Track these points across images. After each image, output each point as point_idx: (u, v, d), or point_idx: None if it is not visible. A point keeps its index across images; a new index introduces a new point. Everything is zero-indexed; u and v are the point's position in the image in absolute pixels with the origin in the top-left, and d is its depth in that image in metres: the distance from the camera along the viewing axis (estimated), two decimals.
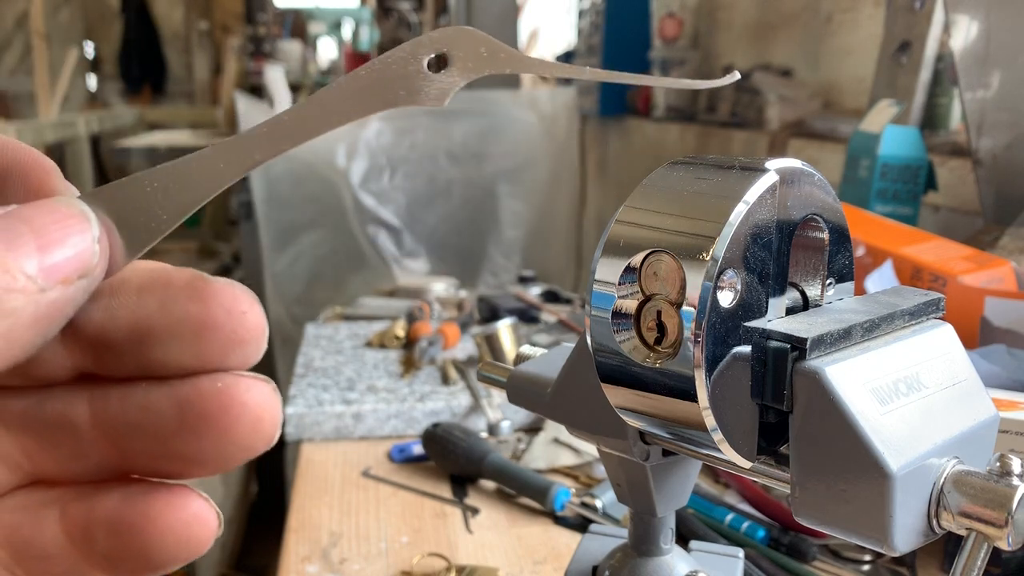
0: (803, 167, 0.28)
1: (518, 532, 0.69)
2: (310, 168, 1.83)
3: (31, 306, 0.15)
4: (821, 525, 0.26)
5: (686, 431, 0.27)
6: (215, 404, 0.18)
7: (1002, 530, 0.24)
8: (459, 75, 0.19)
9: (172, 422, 0.18)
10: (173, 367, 0.18)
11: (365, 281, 1.78)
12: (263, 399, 0.18)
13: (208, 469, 0.18)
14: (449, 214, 1.92)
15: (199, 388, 0.18)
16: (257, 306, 0.18)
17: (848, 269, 0.30)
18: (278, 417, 0.18)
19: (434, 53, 0.19)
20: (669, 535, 0.39)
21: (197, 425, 0.18)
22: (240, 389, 0.18)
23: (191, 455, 0.18)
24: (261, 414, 0.18)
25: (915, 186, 0.92)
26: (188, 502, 0.19)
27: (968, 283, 0.69)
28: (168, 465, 0.19)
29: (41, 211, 0.16)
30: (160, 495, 0.19)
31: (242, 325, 0.18)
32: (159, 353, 0.18)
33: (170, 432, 0.18)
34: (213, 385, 0.18)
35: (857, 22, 1.34)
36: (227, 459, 0.18)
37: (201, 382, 0.18)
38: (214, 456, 0.18)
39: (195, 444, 0.18)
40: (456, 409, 0.89)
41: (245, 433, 0.18)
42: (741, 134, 1.47)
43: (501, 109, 1.98)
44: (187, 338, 0.18)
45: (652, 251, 0.27)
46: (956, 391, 0.28)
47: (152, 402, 0.18)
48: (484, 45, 0.19)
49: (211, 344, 0.18)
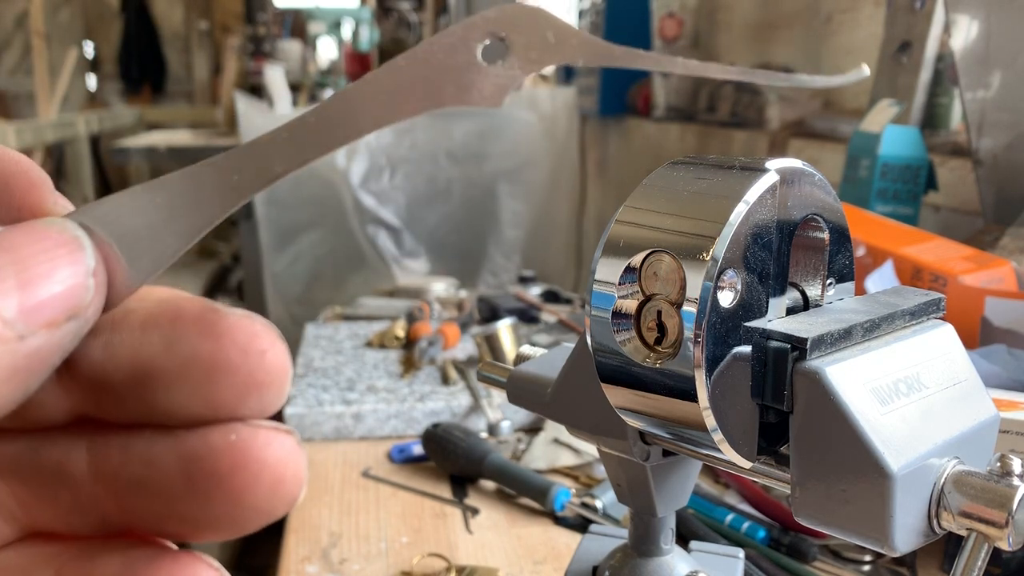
0: (803, 167, 0.28)
1: (518, 532, 0.69)
2: (310, 168, 1.82)
3: (7, 356, 0.13)
4: (821, 525, 0.26)
5: (686, 431, 0.27)
6: (227, 461, 0.15)
7: (1002, 530, 0.24)
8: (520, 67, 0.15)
9: (178, 480, 0.15)
10: (181, 415, 0.16)
11: (365, 281, 1.78)
12: (284, 455, 0.15)
13: (220, 534, 0.16)
14: (449, 214, 1.92)
15: (209, 441, 0.15)
16: (279, 344, 0.16)
17: (848, 269, 0.30)
18: (302, 475, 0.16)
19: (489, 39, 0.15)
20: (669, 535, 0.39)
21: (206, 485, 0.15)
22: (257, 443, 0.15)
23: (200, 519, 0.16)
24: (282, 473, 0.15)
25: (915, 186, 0.92)
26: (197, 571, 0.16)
27: (968, 283, 0.69)
28: (175, 527, 0.16)
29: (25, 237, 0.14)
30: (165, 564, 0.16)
31: (261, 367, 0.15)
32: (165, 398, 0.15)
33: (176, 492, 0.16)
34: (226, 438, 0.15)
35: (857, 22, 1.34)
36: (242, 524, 0.16)
37: (212, 434, 0.15)
38: (227, 521, 0.16)
39: (204, 507, 0.15)
40: (456, 409, 0.89)
41: (263, 496, 0.15)
42: (741, 134, 1.47)
43: (501, 109, 1.98)
44: (197, 382, 0.15)
45: (652, 251, 0.27)
46: (956, 391, 0.28)
47: (156, 455, 0.16)
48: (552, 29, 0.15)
49: (224, 389, 0.15)
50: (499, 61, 0.15)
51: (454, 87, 0.15)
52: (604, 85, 2.07)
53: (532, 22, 0.15)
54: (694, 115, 1.76)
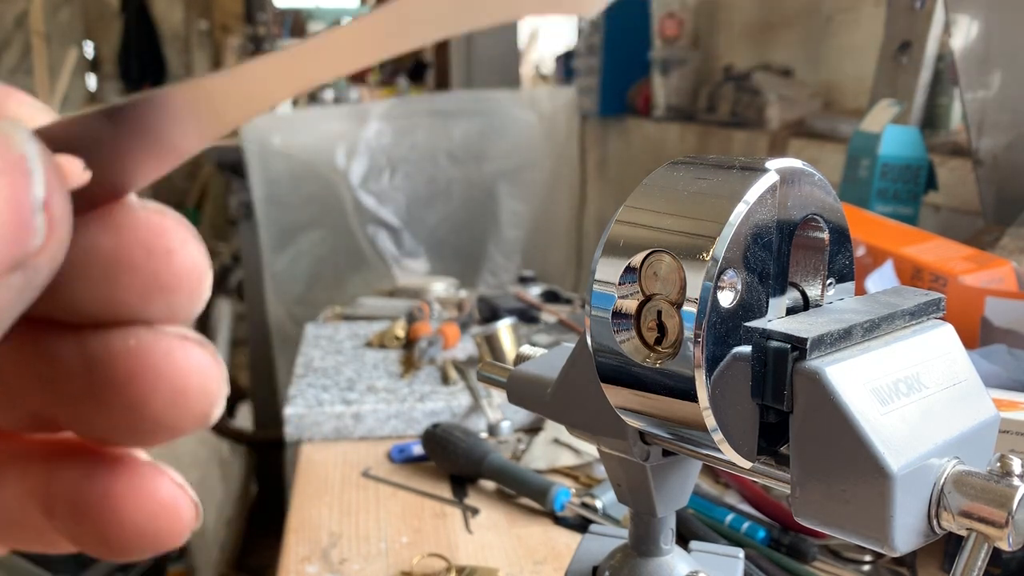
0: (803, 167, 0.28)
1: (518, 532, 0.69)
2: (310, 168, 1.83)
3: None
4: (821, 525, 0.26)
5: (686, 431, 0.27)
6: (124, 367, 0.14)
7: (1002, 530, 0.24)
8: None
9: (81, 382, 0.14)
10: (82, 313, 0.14)
11: (365, 281, 1.78)
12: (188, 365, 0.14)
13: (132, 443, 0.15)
14: (449, 214, 1.92)
15: (109, 345, 0.14)
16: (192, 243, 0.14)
17: (848, 269, 0.30)
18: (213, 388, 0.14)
19: None
20: (669, 535, 0.39)
21: (106, 392, 0.14)
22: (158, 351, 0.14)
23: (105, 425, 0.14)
24: (184, 384, 0.14)
25: (915, 186, 0.92)
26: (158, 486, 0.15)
27: (968, 283, 0.69)
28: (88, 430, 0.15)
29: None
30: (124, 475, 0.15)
31: (167, 268, 0.13)
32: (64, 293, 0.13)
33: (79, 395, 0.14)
34: (125, 343, 0.14)
35: (857, 22, 1.34)
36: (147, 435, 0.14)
37: (113, 337, 0.14)
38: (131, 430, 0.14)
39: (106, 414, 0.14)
40: (456, 409, 0.89)
41: (162, 408, 0.14)
42: (741, 134, 1.47)
43: (501, 109, 1.98)
44: (95, 279, 0.13)
45: (652, 251, 0.27)
46: (956, 391, 0.28)
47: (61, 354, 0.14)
48: None
49: (124, 289, 0.13)
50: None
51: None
52: (604, 85, 2.07)
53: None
54: (694, 115, 1.76)
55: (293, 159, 1.82)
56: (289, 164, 1.81)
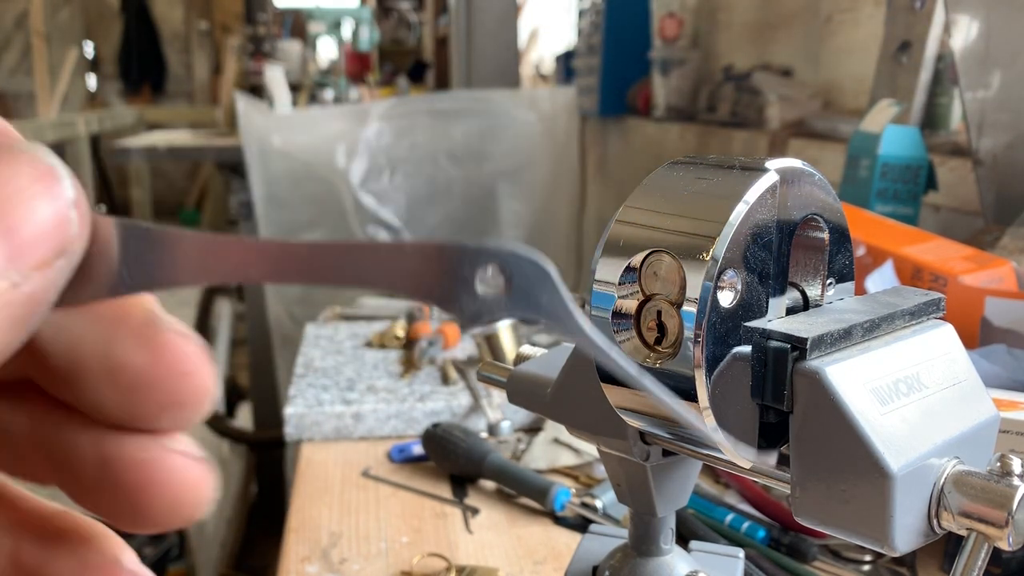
0: (803, 167, 0.28)
1: (518, 532, 0.69)
2: (310, 168, 1.83)
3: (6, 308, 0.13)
4: (821, 525, 0.26)
5: (686, 431, 0.27)
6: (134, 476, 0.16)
7: (1002, 530, 0.24)
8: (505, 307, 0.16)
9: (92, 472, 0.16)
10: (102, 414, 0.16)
11: None
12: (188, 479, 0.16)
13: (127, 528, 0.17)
14: (449, 214, 1.92)
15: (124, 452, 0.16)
16: (207, 368, 0.16)
17: (848, 269, 0.30)
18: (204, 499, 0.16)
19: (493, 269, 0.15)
20: (669, 535, 0.39)
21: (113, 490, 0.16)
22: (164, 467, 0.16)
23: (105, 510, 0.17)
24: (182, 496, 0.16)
25: (915, 186, 0.92)
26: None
27: (968, 283, 0.69)
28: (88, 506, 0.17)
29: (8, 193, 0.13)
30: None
31: (184, 386, 0.16)
32: (91, 394, 0.16)
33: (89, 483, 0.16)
34: (139, 454, 0.16)
35: (857, 22, 1.34)
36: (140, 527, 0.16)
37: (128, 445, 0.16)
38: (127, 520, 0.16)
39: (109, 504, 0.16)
40: (456, 409, 0.89)
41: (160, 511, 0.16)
42: (741, 134, 1.47)
43: (501, 109, 1.98)
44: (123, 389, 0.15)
45: (652, 251, 0.27)
46: (956, 391, 0.28)
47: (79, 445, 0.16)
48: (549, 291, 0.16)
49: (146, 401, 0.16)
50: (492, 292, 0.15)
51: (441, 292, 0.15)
52: (604, 85, 2.07)
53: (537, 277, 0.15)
54: (694, 115, 1.76)
55: (293, 159, 1.82)
56: (289, 164, 1.81)
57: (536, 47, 3.52)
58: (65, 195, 0.14)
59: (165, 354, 0.15)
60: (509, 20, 3.17)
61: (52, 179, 0.13)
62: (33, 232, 0.13)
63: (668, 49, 1.83)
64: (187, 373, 0.16)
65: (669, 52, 1.82)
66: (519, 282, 0.16)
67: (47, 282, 0.13)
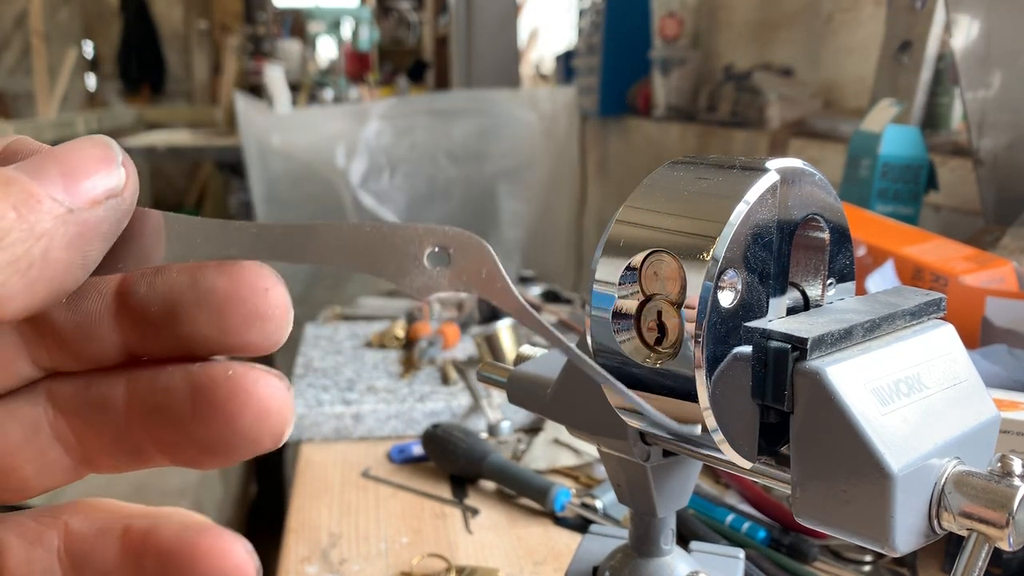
0: (804, 167, 0.28)
1: (518, 533, 0.69)
2: (310, 168, 1.83)
3: (62, 226, 0.16)
4: (822, 526, 0.26)
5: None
6: (223, 390, 0.18)
7: (1003, 531, 0.24)
8: (448, 281, 0.18)
9: (187, 406, 0.19)
10: (199, 340, 0.19)
11: (365, 281, 1.78)
12: (271, 391, 0.19)
13: (218, 459, 0.19)
14: (449, 214, 1.92)
15: (212, 374, 0.19)
16: (281, 286, 0.19)
17: (849, 269, 0.30)
18: (287, 413, 0.19)
19: (440, 247, 0.18)
20: (670, 536, 0.39)
21: (207, 411, 0.18)
22: (248, 379, 0.18)
23: (202, 442, 0.19)
24: (268, 405, 0.18)
25: (916, 186, 0.92)
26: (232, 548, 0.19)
27: (969, 283, 0.69)
28: (186, 452, 0.19)
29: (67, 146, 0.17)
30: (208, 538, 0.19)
31: (265, 301, 0.19)
32: (188, 326, 0.19)
33: (185, 416, 0.19)
34: (224, 372, 0.19)
35: (858, 21, 1.34)
36: (234, 449, 0.19)
37: (215, 369, 0.19)
38: (223, 445, 0.19)
39: (205, 430, 0.19)
40: (456, 409, 0.89)
41: (250, 422, 0.18)
42: (741, 134, 1.47)
43: (501, 109, 1.98)
44: (212, 310, 0.18)
45: (652, 251, 0.27)
46: (957, 391, 0.28)
47: (173, 385, 0.19)
48: (487, 267, 0.18)
49: (234, 318, 0.18)
50: (437, 268, 0.18)
51: (395, 267, 0.18)
52: (604, 85, 2.07)
53: (477, 255, 0.18)
54: (694, 115, 1.76)
55: (293, 159, 1.82)
56: (289, 164, 1.81)
57: (536, 47, 3.52)
58: (115, 157, 0.18)
59: (243, 276, 0.18)
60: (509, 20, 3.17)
61: (106, 147, 0.18)
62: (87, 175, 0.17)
63: (668, 49, 1.83)
64: (266, 289, 0.18)
65: (669, 52, 1.82)
66: (460, 259, 0.18)
67: (98, 216, 0.17)
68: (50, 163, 0.17)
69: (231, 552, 0.19)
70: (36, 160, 0.17)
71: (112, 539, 0.20)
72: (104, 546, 0.20)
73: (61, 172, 0.17)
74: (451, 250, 0.18)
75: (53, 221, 0.16)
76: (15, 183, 0.16)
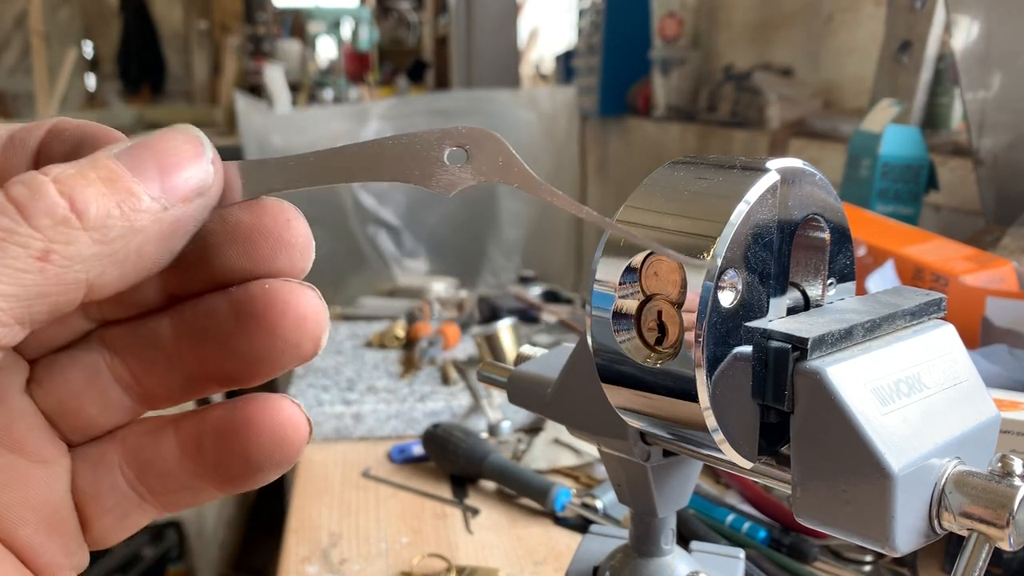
0: (804, 167, 0.28)
1: (518, 533, 0.69)
2: None
3: (156, 224, 0.18)
4: (822, 526, 0.26)
5: (687, 431, 0.27)
6: (262, 302, 0.20)
7: (1003, 531, 0.24)
8: (471, 174, 0.20)
9: (230, 322, 0.20)
10: (233, 272, 0.20)
11: (365, 281, 1.78)
12: (307, 300, 0.20)
13: (264, 370, 0.21)
14: (449, 214, 1.92)
15: (251, 291, 0.20)
16: (302, 218, 0.21)
17: (849, 269, 0.30)
18: (323, 318, 0.20)
19: (457, 146, 0.20)
20: (670, 536, 0.39)
21: (249, 323, 0.20)
22: (284, 290, 0.20)
23: (248, 354, 0.20)
24: (304, 312, 0.20)
25: (916, 186, 0.92)
26: (283, 407, 0.21)
27: (969, 283, 0.69)
28: (233, 369, 0.21)
29: (162, 139, 0.19)
30: (258, 403, 0.21)
31: (288, 230, 0.20)
32: (220, 260, 0.20)
33: (229, 332, 0.20)
34: (261, 287, 0.20)
35: (858, 21, 1.34)
36: (279, 356, 0.20)
37: (253, 286, 0.20)
38: (268, 354, 0.20)
39: (248, 342, 0.20)
40: (456, 409, 0.89)
41: (290, 329, 0.20)
42: (742, 134, 1.47)
43: (501, 108, 1.98)
44: (241, 243, 0.20)
45: (653, 251, 0.27)
46: (957, 391, 0.28)
47: (215, 307, 0.21)
48: (503, 155, 0.20)
49: (262, 247, 0.20)
50: (458, 165, 0.20)
51: (420, 172, 0.20)
52: (604, 85, 2.07)
53: (493, 146, 0.20)
54: (694, 115, 1.76)
55: None
56: None
57: (536, 47, 3.52)
58: (206, 154, 0.19)
59: (267, 209, 0.20)
60: (509, 20, 3.17)
61: (198, 143, 0.19)
62: (181, 175, 0.18)
63: (668, 49, 1.83)
64: (288, 220, 0.20)
65: (669, 52, 1.82)
66: (477, 153, 0.20)
67: (188, 214, 0.18)
68: (147, 157, 0.18)
69: (282, 410, 0.21)
70: (134, 152, 0.18)
71: (167, 437, 0.22)
72: (161, 445, 0.22)
73: (158, 168, 0.18)
74: (467, 147, 0.20)
75: (150, 220, 0.18)
76: (119, 180, 0.18)
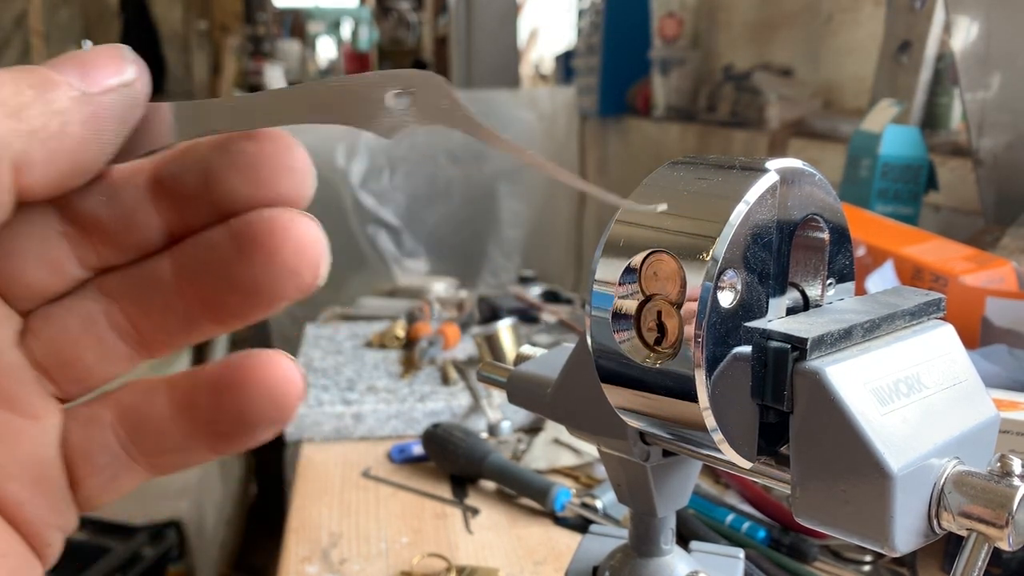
0: (803, 167, 0.28)
1: (518, 533, 0.69)
2: None
3: (77, 106, 0.18)
4: (821, 526, 0.26)
5: (686, 431, 0.27)
6: (262, 229, 0.20)
7: (1002, 531, 0.24)
8: (413, 117, 0.20)
9: (230, 252, 0.20)
10: (235, 200, 0.20)
11: (365, 281, 1.78)
12: (306, 228, 0.20)
13: (263, 302, 0.21)
14: (449, 214, 1.92)
15: (250, 220, 0.20)
16: (301, 146, 0.21)
17: (849, 269, 0.30)
18: (322, 246, 0.20)
19: (400, 89, 0.20)
20: (670, 535, 0.39)
21: (248, 250, 0.20)
22: (285, 217, 0.20)
23: (248, 285, 0.20)
24: (304, 238, 0.20)
25: (916, 186, 0.92)
26: (279, 362, 0.21)
27: (969, 283, 0.69)
28: (232, 304, 0.21)
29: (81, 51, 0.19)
30: (254, 358, 0.21)
31: (289, 155, 0.20)
32: (221, 187, 0.20)
33: (230, 260, 0.20)
34: (261, 216, 0.20)
35: (857, 21, 1.34)
36: (280, 286, 0.20)
37: (252, 215, 0.20)
38: (268, 283, 0.20)
39: (248, 271, 0.20)
40: (456, 409, 0.89)
41: (290, 255, 0.20)
42: (741, 134, 1.47)
43: (501, 109, 1.98)
44: (244, 169, 0.20)
45: (652, 251, 0.27)
46: (957, 391, 0.28)
47: (215, 239, 0.21)
48: (447, 99, 0.20)
49: (265, 171, 0.20)
50: (401, 108, 0.20)
51: (363, 114, 0.20)
52: (604, 85, 2.08)
53: (436, 89, 0.20)
54: (694, 115, 1.76)
55: None
56: None
57: (536, 47, 3.52)
58: (126, 56, 0.19)
59: (267, 138, 0.20)
60: (509, 20, 3.17)
61: (118, 48, 0.19)
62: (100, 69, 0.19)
63: (668, 49, 1.83)
64: (288, 146, 0.20)
65: (669, 52, 1.82)
66: (421, 96, 0.20)
67: (110, 103, 0.19)
68: (66, 59, 0.19)
69: (278, 365, 0.21)
70: (53, 60, 0.19)
71: (160, 395, 0.21)
72: (154, 403, 0.21)
73: (75, 64, 0.19)
74: (412, 91, 0.20)
75: (69, 101, 0.18)
76: (34, 72, 0.18)
